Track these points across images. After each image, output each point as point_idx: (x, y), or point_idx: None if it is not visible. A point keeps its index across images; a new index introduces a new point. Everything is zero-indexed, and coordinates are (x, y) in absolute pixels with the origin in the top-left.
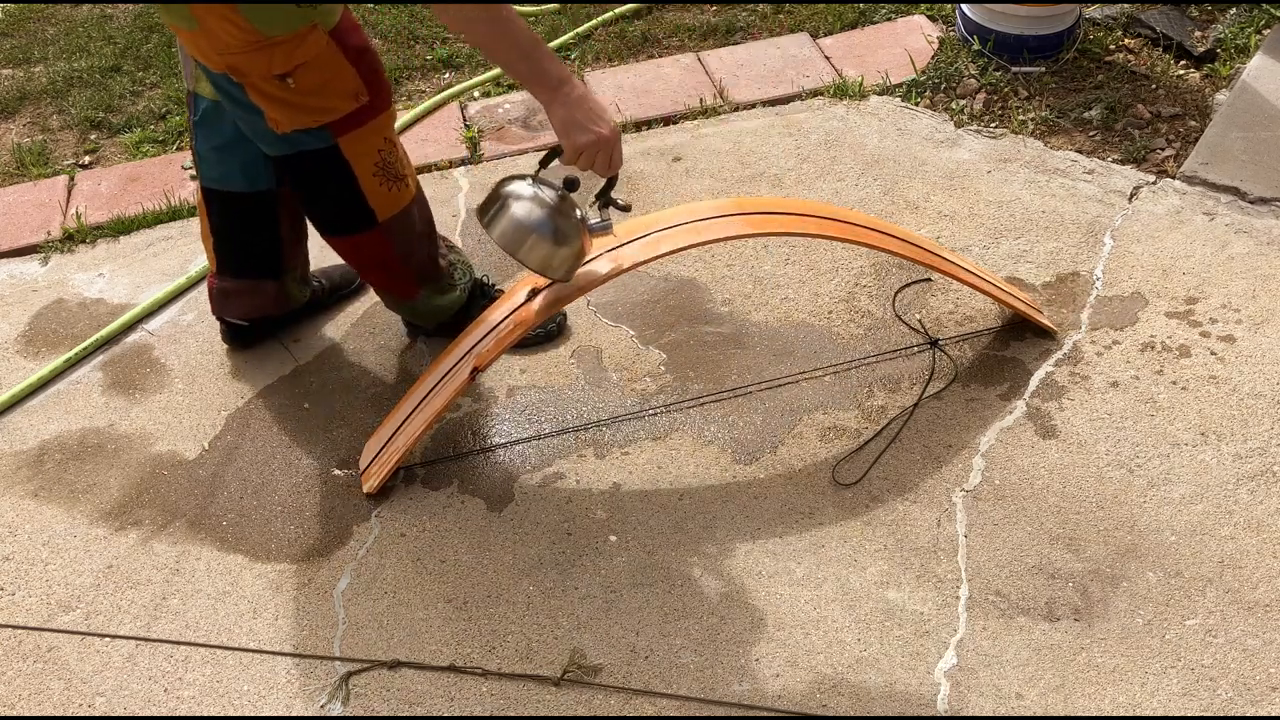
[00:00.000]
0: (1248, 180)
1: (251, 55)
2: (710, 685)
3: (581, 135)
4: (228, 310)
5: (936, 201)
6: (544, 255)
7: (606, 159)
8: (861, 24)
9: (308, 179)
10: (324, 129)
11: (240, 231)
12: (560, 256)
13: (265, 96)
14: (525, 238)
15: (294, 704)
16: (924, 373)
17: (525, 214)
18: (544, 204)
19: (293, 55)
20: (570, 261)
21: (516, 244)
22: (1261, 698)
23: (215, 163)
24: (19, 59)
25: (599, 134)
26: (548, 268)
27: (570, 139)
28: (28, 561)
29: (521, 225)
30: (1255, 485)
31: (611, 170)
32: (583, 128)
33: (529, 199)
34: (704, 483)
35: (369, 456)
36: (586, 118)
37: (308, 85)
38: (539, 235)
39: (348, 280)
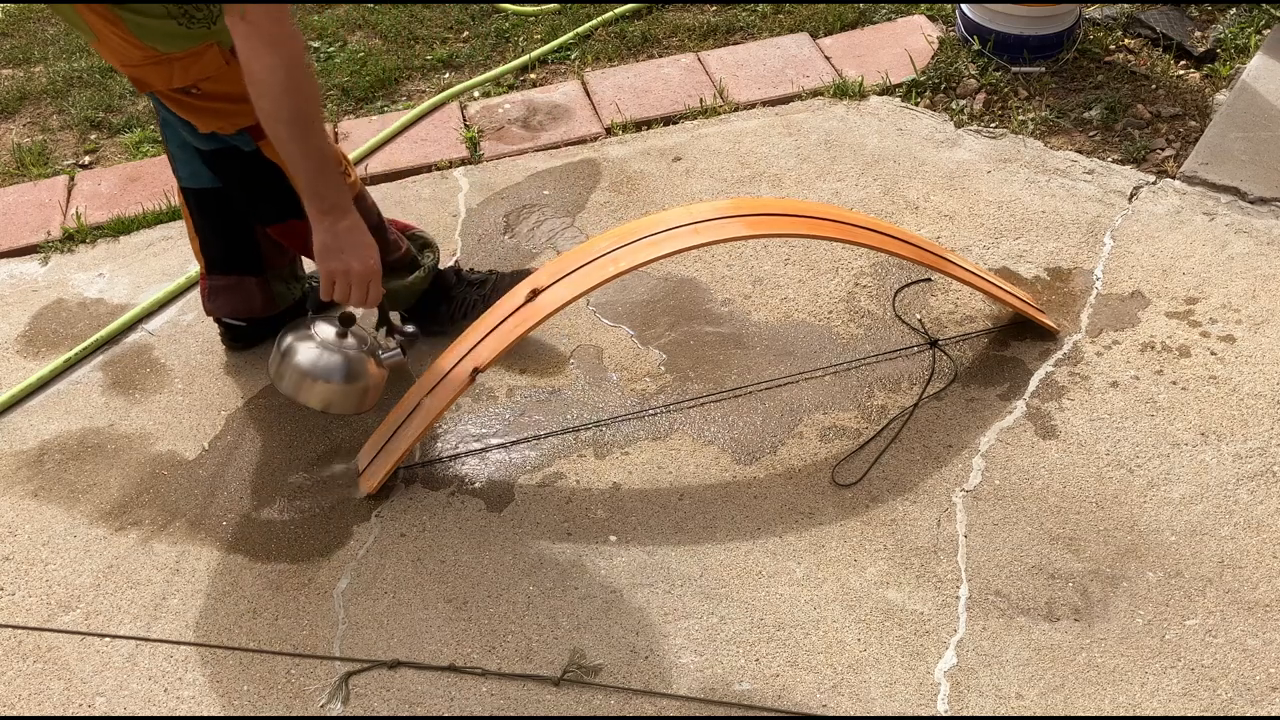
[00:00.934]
0: (1248, 180)
1: (150, 69)
2: (710, 685)
3: (333, 263)
4: (218, 308)
5: (936, 201)
6: (332, 396)
7: (361, 293)
8: (861, 24)
9: (237, 174)
10: (243, 133)
11: (218, 227)
12: (351, 393)
13: (175, 103)
14: (313, 384)
15: (294, 704)
16: (924, 373)
17: (307, 361)
18: (323, 346)
19: (189, 71)
20: (361, 396)
21: (303, 392)
22: (1261, 698)
23: (183, 160)
24: (19, 59)
25: (349, 268)
26: (338, 406)
27: (323, 265)
28: (28, 561)
29: (305, 372)
30: (1255, 485)
31: (369, 304)
32: (336, 257)
33: (308, 344)
34: (704, 483)
35: (368, 457)
36: (344, 248)
37: (213, 94)
38: (325, 380)
39: None
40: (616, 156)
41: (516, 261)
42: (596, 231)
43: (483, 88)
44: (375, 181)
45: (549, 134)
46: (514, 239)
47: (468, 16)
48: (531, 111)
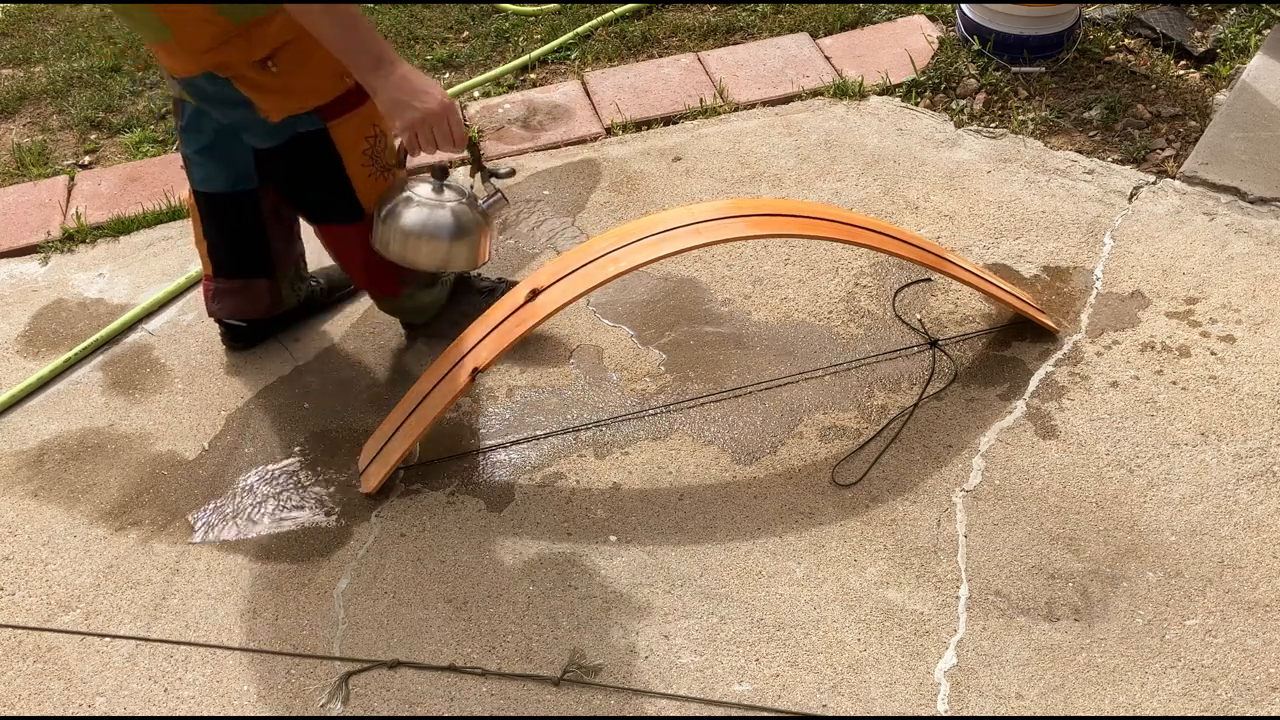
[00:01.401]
0: (1248, 180)
1: (228, 47)
2: (710, 685)
3: (408, 113)
4: (222, 310)
5: (936, 201)
6: (444, 254)
7: (445, 134)
8: (861, 24)
9: (297, 168)
10: (315, 114)
11: (229, 232)
12: (461, 249)
13: (252, 86)
14: (420, 244)
15: (294, 704)
16: (924, 373)
17: (412, 221)
18: (424, 203)
19: (268, 37)
20: (472, 249)
21: (412, 253)
22: (1261, 698)
23: (200, 165)
24: (19, 59)
25: (426, 109)
26: (451, 265)
27: (398, 119)
28: (28, 561)
29: (413, 232)
30: (1255, 485)
31: (457, 145)
32: (408, 106)
33: (410, 203)
34: (704, 483)
35: (368, 456)
36: (411, 94)
37: (289, 66)
38: (432, 237)
39: (345, 281)
40: (616, 156)
41: (516, 261)
42: (596, 231)
43: (482, 88)
44: None
45: (549, 134)
46: (514, 239)
47: (468, 16)
48: (531, 111)
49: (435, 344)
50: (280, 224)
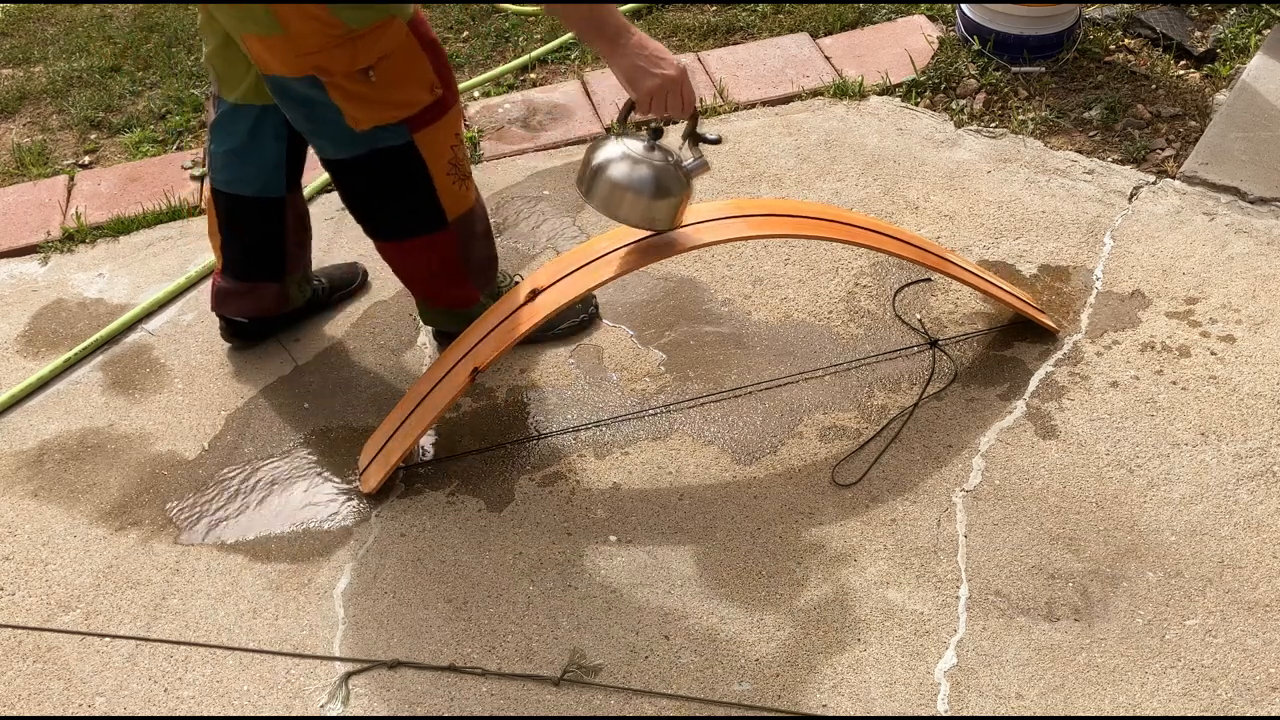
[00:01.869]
0: (1248, 180)
1: (335, 51)
2: (710, 685)
3: (648, 80)
4: (226, 308)
5: (936, 201)
6: (645, 209)
7: (678, 100)
8: (861, 24)
9: (381, 180)
10: (402, 125)
11: (246, 235)
12: (663, 208)
13: (346, 94)
14: (624, 196)
15: (294, 704)
16: (924, 373)
17: (621, 174)
18: (635, 159)
19: (375, 47)
20: (672, 210)
21: (616, 205)
22: (1261, 698)
23: (226, 165)
24: (19, 59)
25: (666, 75)
26: (653, 221)
27: (638, 85)
28: (28, 561)
29: (620, 185)
30: (1255, 485)
31: (686, 110)
32: (648, 73)
33: (620, 157)
34: (704, 483)
35: (368, 456)
36: (650, 62)
37: (388, 78)
38: (636, 191)
39: (347, 279)
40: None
41: (516, 261)
42: (596, 231)
43: (482, 88)
44: None
45: (549, 134)
46: (514, 239)
47: (468, 16)
48: (531, 111)
49: (436, 344)
50: (301, 230)
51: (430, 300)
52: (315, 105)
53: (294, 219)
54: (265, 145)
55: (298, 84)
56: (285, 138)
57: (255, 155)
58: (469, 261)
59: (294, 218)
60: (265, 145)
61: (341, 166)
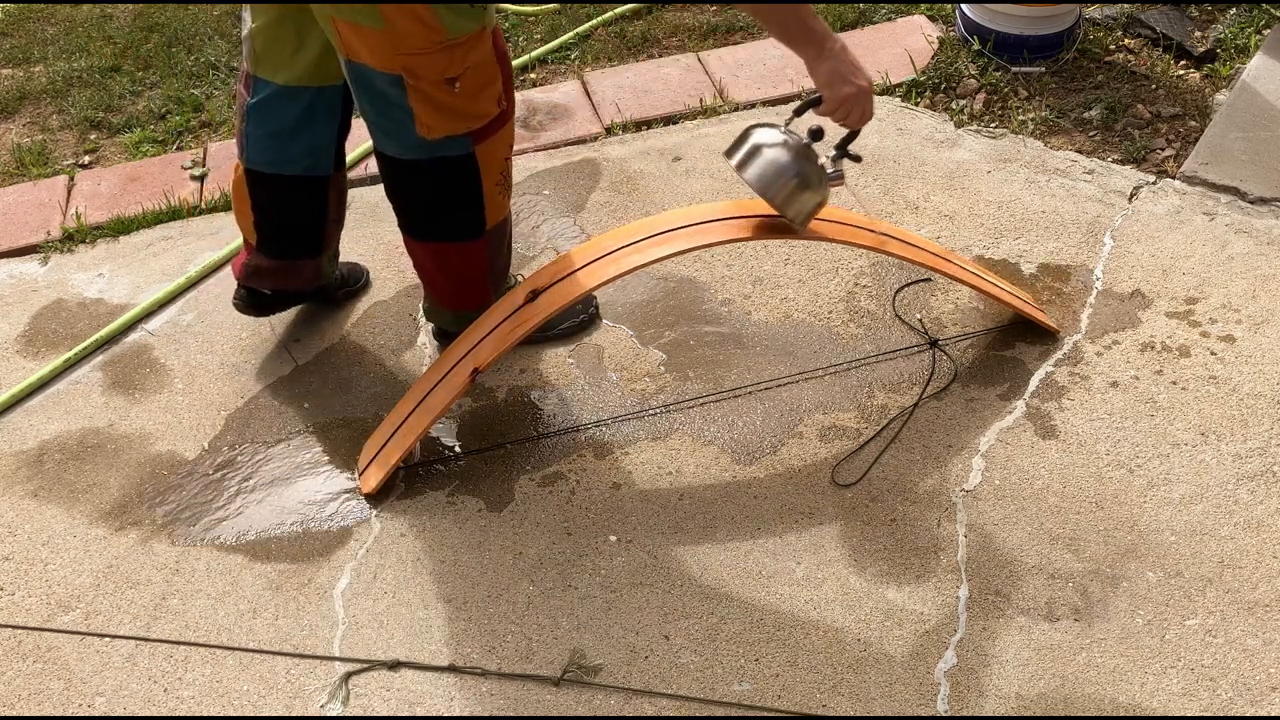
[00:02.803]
0: (1248, 180)
1: (432, 57)
2: (710, 685)
3: (846, 87)
4: (255, 281)
5: (936, 201)
6: (793, 198)
7: (860, 111)
8: (861, 24)
9: (434, 185)
10: (467, 136)
11: (288, 214)
12: (808, 201)
13: (426, 100)
14: (778, 181)
15: (294, 704)
16: (924, 373)
17: (778, 159)
18: (794, 150)
19: (467, 58)
20: (812, 207)
21: (769, 185)
22: (1261, 698)
23: (269, 147)
24: (19, 59)
25: (861, 86)
26: (798, 212)
27: (835, 90)
28: (28, 561)
29: (775, 169)
30: (1255, 485)
31: (863, 122)
32: (847, 80)
33: (781, 145)
34: (704, 483)
35: (368, 456)
36: (850, 71)
37: (470, 89)
38: (789, 179)
39: (355, 277)
40: (616, 156)
41: (516, 262)
42: (597, 231)
43: None
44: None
45: (549, 134)
46: (514, 239)
47: None
48: (531, 111)
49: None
50: (340, 206)
51: (444, 301)
52: (390, 104)
53: (336, 196)
54: (318, 127)
55: (381, 79)
56: (338, 119)
57: (305, 137)
58: (493, 269)
59: (336, 195)
60: (318, 127)
61: (399, 165)
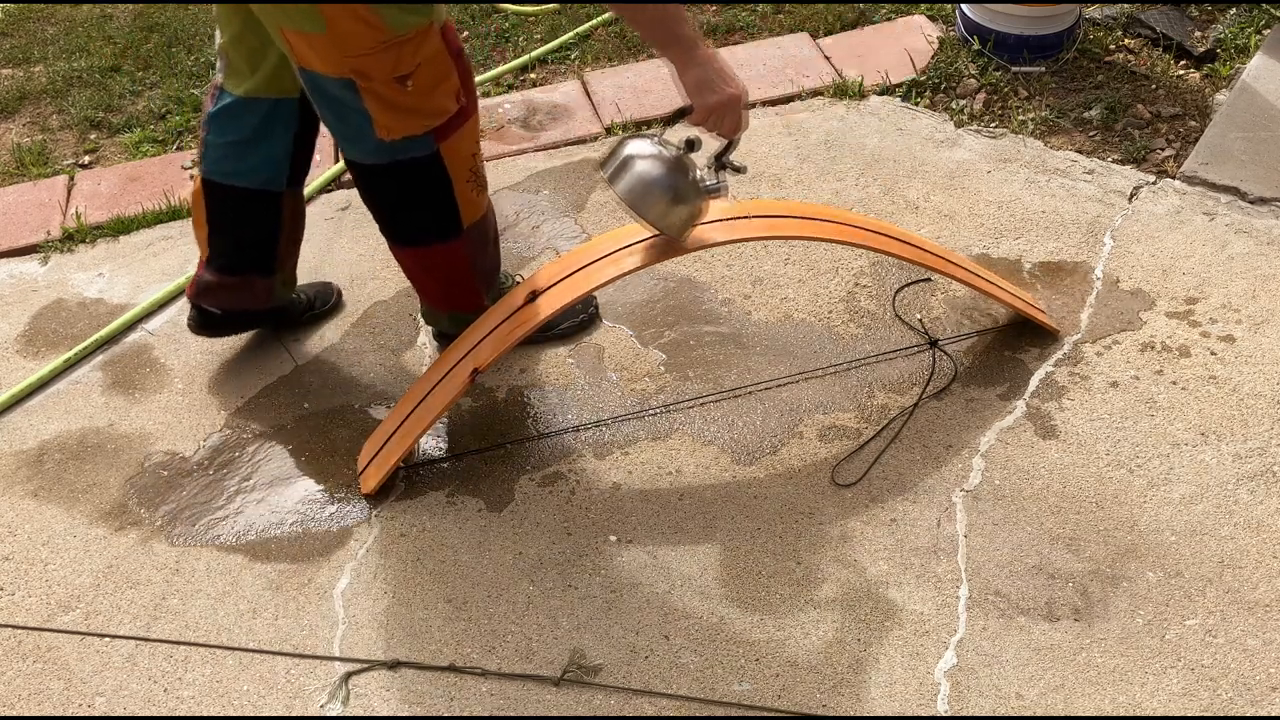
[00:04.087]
0: (1248, 180)
1: (379, 56)
2: (710, 685)
3: (713, 95)
4: (206, 299)
5: (936, 201)
6: (664, 212)
7: (733, 120)
8: (861, 24)
9: (403, 188)
10: (429, 135)
11: (239, 228)
12: (679, 215)
13: (380, 101)
14: (649, 194)
15: (294, 704)
16: (924, 373)
17: (649, 171)
18: (667, 162)
19: (416, 54)
20: (686, 220)
21: (639, 199)
22: (1261, 698)
23: (225, 157)
24: (19, 59)
25: (730, 94)
26: (668, 225)
27: (703, 99)
28: (28, 561)
29: (645, 181)
30: (1255, 485)
31: (736, 132)
32: (714, 88)
33: (653, 156)
34: (704, 483)
35: (367, 457)
36: (718, 78)
37: (423, 86)
38: (661, 192)
39: (322, 299)
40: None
41: (516, 262)
42: (597, 231)
43: (482, 87)
44: None
45: (549, 134)
46: (514, 239)
47: (468, 16)
48: (531, 111)
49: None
50: (295, 228)
51: (437, 304)
52: (347, 109)
53: (291, 215)
54: (275, 138)
55: (334, 84)
56: (295, 132)
57: (262, 148)
58: (478, 268)
59: (291, 214)
60: (275, 138)
61: (366, 171)
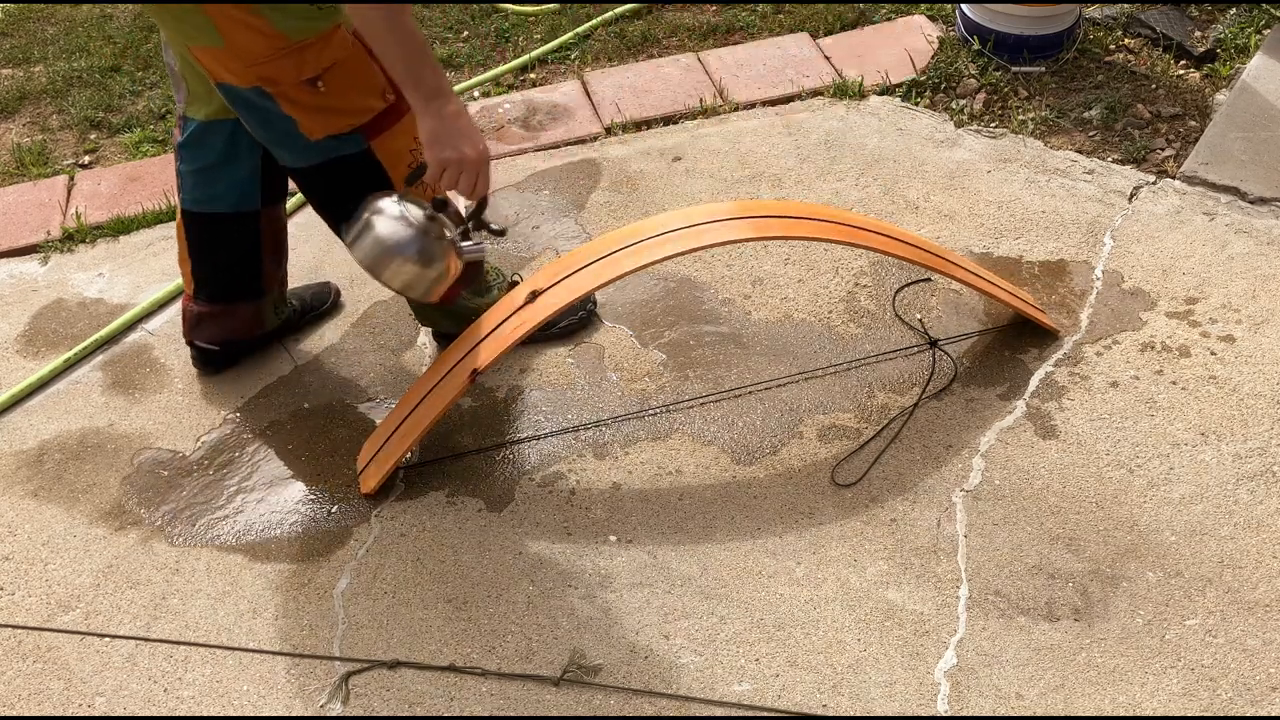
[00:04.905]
0: (1248, 180)
1: (280, 62)
2: (710, 685)
3: (446, 151)
4: (199, 334)
5: (936, 201)
6: (407, 277)
7: (471, 181)
8: (861, 24)
9: (341, 188)
10: (356, 133)
11: (221, 254)
12: (424, 278)
13: (297, 105)
14: (389, 258)
15: (294, 704)
16: (924, 373)
17: (389, 233)
18: (409, 223)
19: (321, 57)
20: (433, 283)
21: (378, 264)
22: (1261, 698)
23: (197, 184)
24: (19, 59)
25: (463, 155)
26: (409, 289)
27: (434, 153)
28: (28, 561)
29: (384, 244)
30: (1255, 485)
31: (475, 194)
32: (448, 144)
33: (394, 217)
34: (704, 483)
35: (367, 457)
36: (454, 135)
37: (337, 87)
38: (402, 256)
39: (320, 300)
40: (616, 156)
41: (516, 262)
42: (597, 232)
43: (482, 87)
44: None
45: (549, 134)
46: (514, 239)
47: (468, 16)
48: (531, 111)
49: (436, 344)
50: (276, 247)
51: (416, 302)
52: (268, 115)
53: (269, 235)
54: (240, 159)
55: (249, 93)
56: (259, 150)
57: (230, 171)
58: None
59: (269, 233)
60: (240, 159)
61: (303, 174)
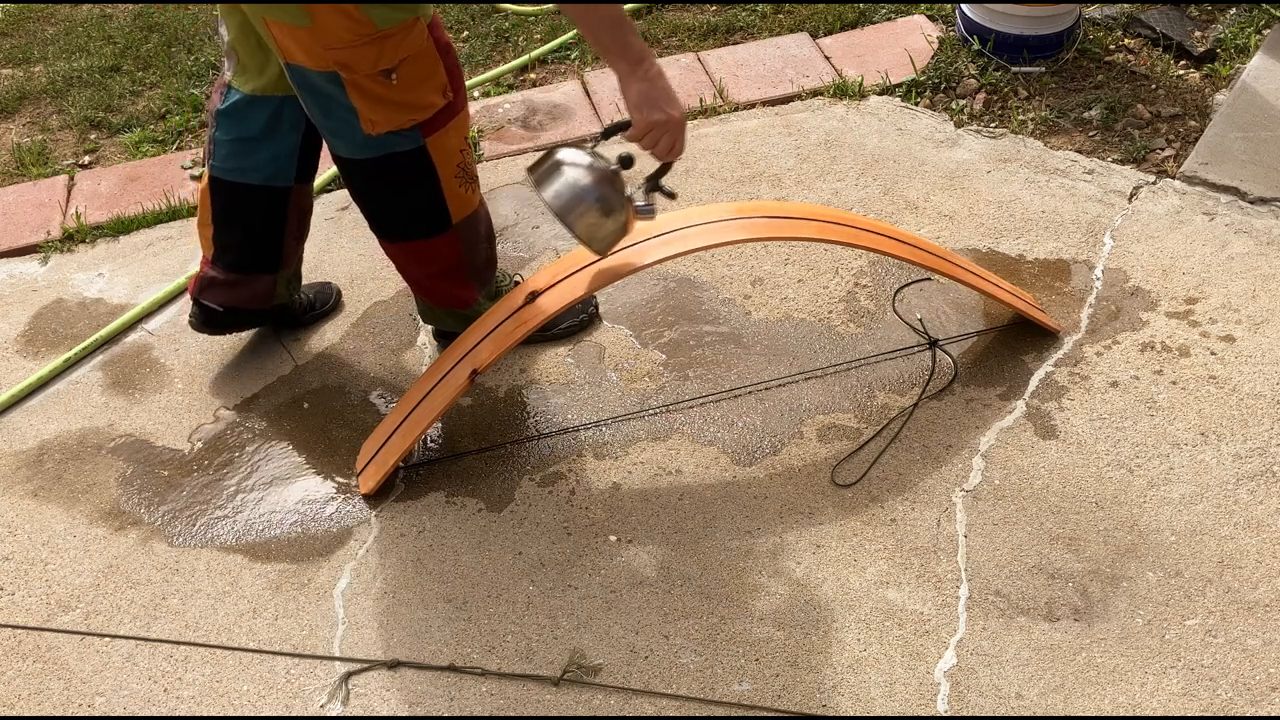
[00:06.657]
0: (1248, 180)
1: (362, 49)
2: (710, 685)
3: (654, 113)
4: (209, 295)
5: (936, 201)
6: (591, 224)
7: (670, 142)
8: (861, 24)
9: (390, 183)
10: (415, 129)
11: (246, 225)
12: (605, 229)
13: (365, 95)
14: (577, 203)
15: (293, 704)
16: (924, 373)
17: (579, 180)
18: (599, 174)
19: (400, 48)
20: (613, 236)
21: (567, 208)
22: (1261, 698)
23: (232, 154)
24: (19, 59)
25: (670, 115)
26: (592, 238)
27: (643, 115)
28: (27, 561)
29: (575, 190)
30: (1255, 485)
31: (672, 155)
32: (657, 106)
33: (585, 166)
34: (704, 483)
35: (366, 457)
36: (662, 97)
37: (408, 80)
38: (589, 203)
39: (321, 300)
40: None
41: (516, 263)
42: None
43: (482, 87)
44: None
45: (549, 134)
46: (514, 239)
47: (468, 16)
48: (531, 111)
49: (436, 344)
50: (301, 225)
51: (431, 300)
52: (332, 103)
53: (296, 212)
54: (282, 135)
55: (319, 78)
56: (302, 128)
57: (268, 146)
58: (471, 264)
59: (297, 211)
60: (282, 135)
61: (353, 166)
